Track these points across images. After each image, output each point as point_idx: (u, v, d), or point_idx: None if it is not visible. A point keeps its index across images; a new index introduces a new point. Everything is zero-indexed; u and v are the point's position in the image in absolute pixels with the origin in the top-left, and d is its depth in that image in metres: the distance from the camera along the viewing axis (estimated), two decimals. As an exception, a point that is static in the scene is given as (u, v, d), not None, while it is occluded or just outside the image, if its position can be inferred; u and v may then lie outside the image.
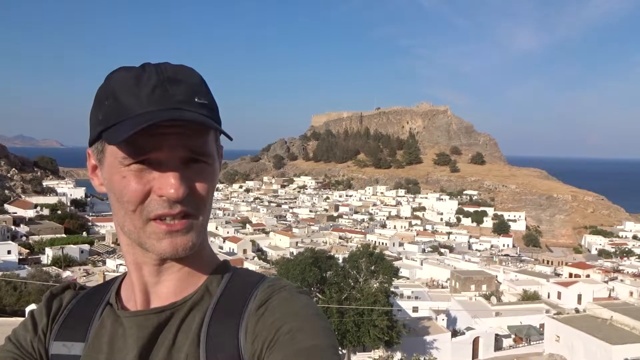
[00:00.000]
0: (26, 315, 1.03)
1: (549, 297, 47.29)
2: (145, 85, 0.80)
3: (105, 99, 0.83)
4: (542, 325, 33.45)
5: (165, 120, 0.77)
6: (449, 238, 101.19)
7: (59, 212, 75.79)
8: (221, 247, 70.79)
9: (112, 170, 0.83)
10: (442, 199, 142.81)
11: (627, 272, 62.69)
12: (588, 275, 55.27)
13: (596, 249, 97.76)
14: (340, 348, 28.58)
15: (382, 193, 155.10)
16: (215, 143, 0.88)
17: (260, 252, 72.10)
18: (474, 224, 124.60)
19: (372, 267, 31.51)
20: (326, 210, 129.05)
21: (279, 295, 0.88)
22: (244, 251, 69.14)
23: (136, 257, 0.89)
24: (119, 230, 0.88)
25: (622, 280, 52.62)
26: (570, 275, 57.64)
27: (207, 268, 0.95)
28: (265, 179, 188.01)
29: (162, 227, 0.82)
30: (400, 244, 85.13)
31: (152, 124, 0.76)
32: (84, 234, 65.99)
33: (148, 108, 0.79)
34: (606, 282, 51.59)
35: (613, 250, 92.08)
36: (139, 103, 0.79)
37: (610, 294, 46.91)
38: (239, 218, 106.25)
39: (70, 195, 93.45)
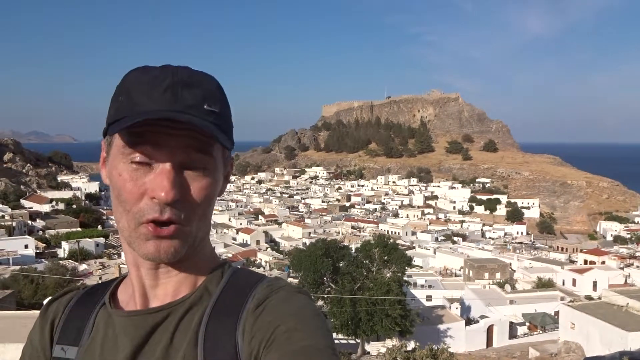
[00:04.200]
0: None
1: (563, 284, 47.00)
2: (158, 86, 0.81)
3: (119, 95, 0.84)
4: (557, 313, 33.25)
5: (162, 119, 0.78)
6: (462, 226, 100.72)
7: (74, 206, 76.74)
8: (234, 239, 71.27)
9: (113, 164, 0.85)
10: (455, 187, 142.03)
11: (643, 258, 61.97)
12: (603, 262, 54.74)
13: (611, 235, 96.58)
14: (353, 337, 28.72)
15: (394, 182, 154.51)
16: (223, 153, 0.88)
17: (273, 243, 72.45)
18: (487, 212, 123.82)
19: (385, 257, 31.52)
20: (338, 200, 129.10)
21: (277, 295, 0.87)
22: (257, 242, 69.51)
23: (135, 256, 0.90)
24: (118, 227, 0.89)
25: (638, 267, 52.08)
26: (585, 262, 57.14)
27: (206, 269, 0.95)
28: (277, 170, 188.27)
29: (150, 229, 0.82)
30: (413, 233, 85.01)
31: (149, 119, 0.77)
32: (99, 227, 66.65)
33: (155, 107, 0.80)
34: (622, 268, 51.09)
35: (629, 236, 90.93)
36: (149, 102, 0.80)
37: (626, 281, 46.50)
38: (251, 209, 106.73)
39: (85, 189, 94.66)
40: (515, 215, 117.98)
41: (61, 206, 75.37)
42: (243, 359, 0.83)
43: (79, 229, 61.71)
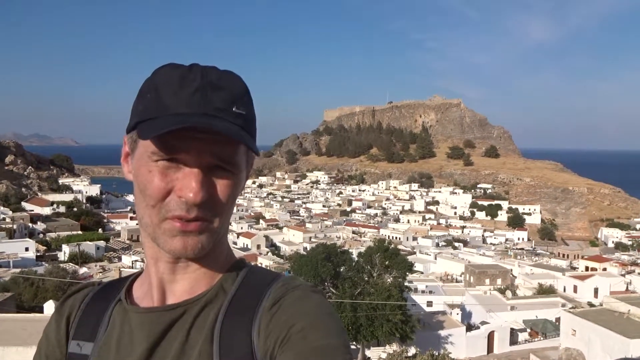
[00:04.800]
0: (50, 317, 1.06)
1: (564, 290, 46.88)
2: (187, 86, 0.81)
3: (147, 92, 0.84)
4: (558, 319, 33.20)
5: (195, 127, 0.78)
6: (463, 232, 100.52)
7: (75, 209, 76.82)
8: (235, 243, 71.16)
9: (140, 162, 0.85)
10: (456, 193, 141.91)
11: (645, 265, 61.79)
12: (604, 269, 54.61)
13: (613, 242, 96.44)
14: (354, 343, 28.62)
15: (395, 187, 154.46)
16: (247, 153, 0.89)
17: (273, 248, 72.30)
18: (488, 218, 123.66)
19: (387, 262, 31.47)
20: (339, 205, 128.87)
21: (292, 294, 0.88)
22: (258, 246, 69.40)
23: (154, 250, 0.90)
24: (141, 223, 0.90)
25: (639, 274, 51.94)
26: (587, 268, 57.01)
27: (223, 267, 0.95)
28: (278, 174, 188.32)
29: (176, 224, 0.83)
30: (414, 238, 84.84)
31: (182, 127, 0.77)
32: (100, 230, 66.78)
33: (185, 110, 0.80)
34: (623, 275, 51.00)
35: (630, 243, 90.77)
36: (178, 103, 0.80)
37: (627, 288, 46.38)
38: (252, 214, 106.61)
39: (86, 192, 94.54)
40: (516, 221, 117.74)
41: (62, 209, 75.48)
42: (259, 357, 0.84)
43: (80, 232, 61.82)
